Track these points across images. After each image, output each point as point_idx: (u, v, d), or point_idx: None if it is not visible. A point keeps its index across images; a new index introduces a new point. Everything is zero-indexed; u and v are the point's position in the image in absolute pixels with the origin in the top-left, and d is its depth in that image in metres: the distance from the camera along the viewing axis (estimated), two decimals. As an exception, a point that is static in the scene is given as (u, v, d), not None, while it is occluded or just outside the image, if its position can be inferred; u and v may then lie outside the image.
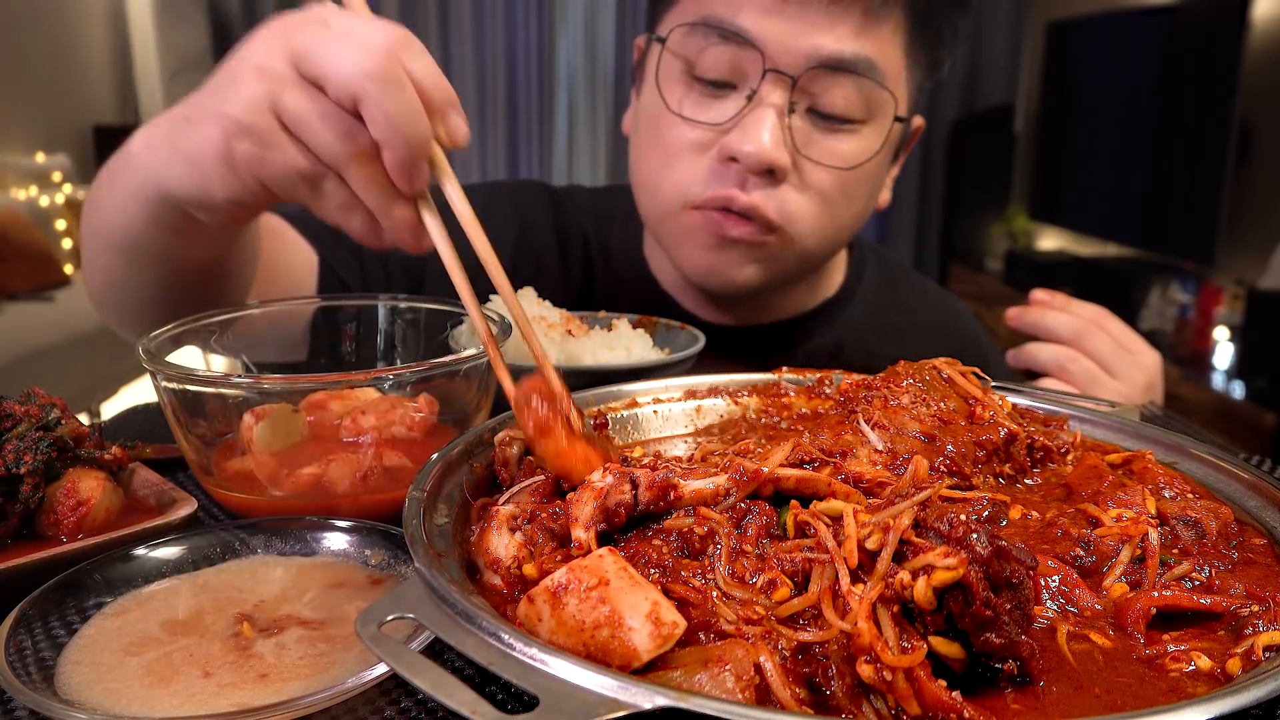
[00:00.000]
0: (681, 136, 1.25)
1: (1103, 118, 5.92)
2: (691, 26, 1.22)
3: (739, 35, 1.18)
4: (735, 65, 1.20)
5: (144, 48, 7.04)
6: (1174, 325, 5.31)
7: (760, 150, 1.18)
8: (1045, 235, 6.86)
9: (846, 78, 1.19)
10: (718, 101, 1.23)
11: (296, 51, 0.76)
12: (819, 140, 1.23)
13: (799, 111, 1.21)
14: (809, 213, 1.25)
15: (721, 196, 1.22)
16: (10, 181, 5.74)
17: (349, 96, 0.74)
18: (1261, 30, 4.68)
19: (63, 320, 4.90)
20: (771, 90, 1.19)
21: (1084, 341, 1.25)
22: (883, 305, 1.55)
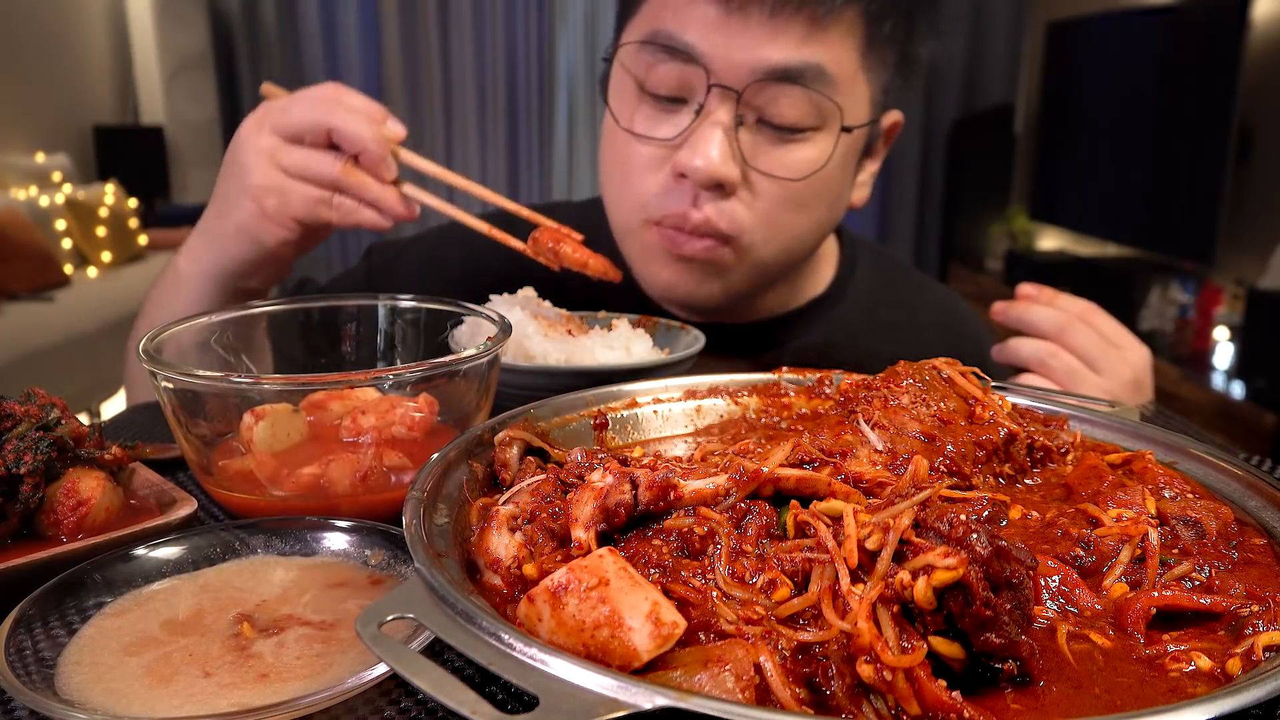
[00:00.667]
0: (636, 153, 1.26)
1: (1103, 118, 5.92)
2: (641, 44, 1.23)
3: (684, 51, 1.19)
4: (683, 81, 1.21)
5: (144, 48, 7.04)
6: (1174, 325, 5.31)
7: (708, 166, 1.18)
8: (1045, 235, 6.86)
9: (793, 87, 1.19)
10: (670, 117, 1.24)
11: (274, 126, 1.10)
12: (769, 151, 1.23)
13: (748, 123, 1.21)
14: (762, 224, 1.25)
15: (675, 214, 1.23)
16: (10, 181, 5.74)
17: (322, 134, 1.08)
18: (1261, 30, 4.68)
19: (63, 320, 4.91)
20: (718, 105, 1.19)
21: (1067, 336, 1.23)
22: (878, 303, 1.54)
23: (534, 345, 1.09)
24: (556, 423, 0.87)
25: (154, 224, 6.69)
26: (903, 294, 1.59)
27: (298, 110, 1.09)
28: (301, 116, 1.08)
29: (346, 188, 1.10)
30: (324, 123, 1.08)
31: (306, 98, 1.10)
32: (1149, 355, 1.27)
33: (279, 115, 1.10)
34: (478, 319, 1.03)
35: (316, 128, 1.08)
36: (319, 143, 1.10)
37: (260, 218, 1.11)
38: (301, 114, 1.08)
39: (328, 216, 1.11)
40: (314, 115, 1.08)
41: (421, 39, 7.08)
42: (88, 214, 5.98)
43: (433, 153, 7.25)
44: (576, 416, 0.89)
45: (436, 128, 7.24)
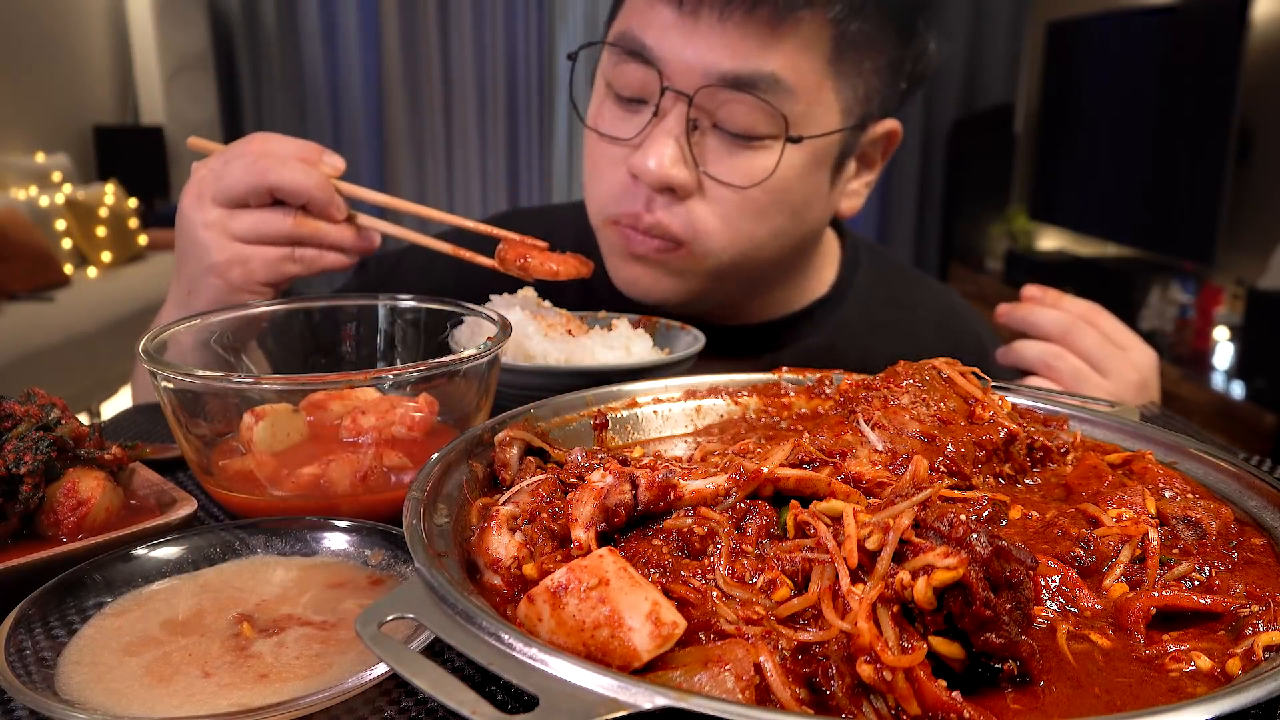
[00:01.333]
0: (603, 152, 1.28)
1: (1103, 118, 5.92)
2: (609, 44, 1.25)
3: (642, 52, 1.20)
4: (643, 82, 1.22)
5: (144, 48, 7.04)
6: (1174, 325, 5.31)
7: (660, 169, 1.18)
8: (1045, 235, 6.86)
9: (745, 95, 1.17)
10: (631, 117, 1.25)
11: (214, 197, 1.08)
12: (722, 157, 1.21)
13: (703, 128, 1.21)
14: (717, 229, 1.24)
15: (629, 215, 1.24)
16: (10, 181, 5.74)
17: (265, 194, 1.08)
18: (1261, 30, 4.68)
19: (63, 320, 4.91)
20: (671, 108, 1.19)
21: (1072, 338, 1.22)
22: (877, 303, 1.53)
23: (534, 345, 1.09)
24: (556, 423, 0.87)
25: (154, 224, 6.69)
26: (902, 294, 1.58)
27: (233, 175, 1.07)
28: (239, 181, 1.06)
29: (304, 239, 1.10)
30: (263, 183, 1.06)
31: (239, 157, 1.07)
32: (1155, 357, 1.26)
33: (216, 184, 1.07)
34: (478, 319, 1.03)
35: (258, 189, 1.07)
36: (264, 202, 1.08)
37: (229, 291, 1.11)
38: (238, 178, 1.06)
39: (293, 271, 1.11)
40: (251, 177, 1.06)
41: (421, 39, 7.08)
42: (88, 214, 5.98)
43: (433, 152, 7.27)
44: (576, 416, 0.89)
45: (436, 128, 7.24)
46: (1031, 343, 1.25)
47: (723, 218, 1.23)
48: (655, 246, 1.25)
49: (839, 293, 1.51)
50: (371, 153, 7.47)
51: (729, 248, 1.26)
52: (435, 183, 7.40)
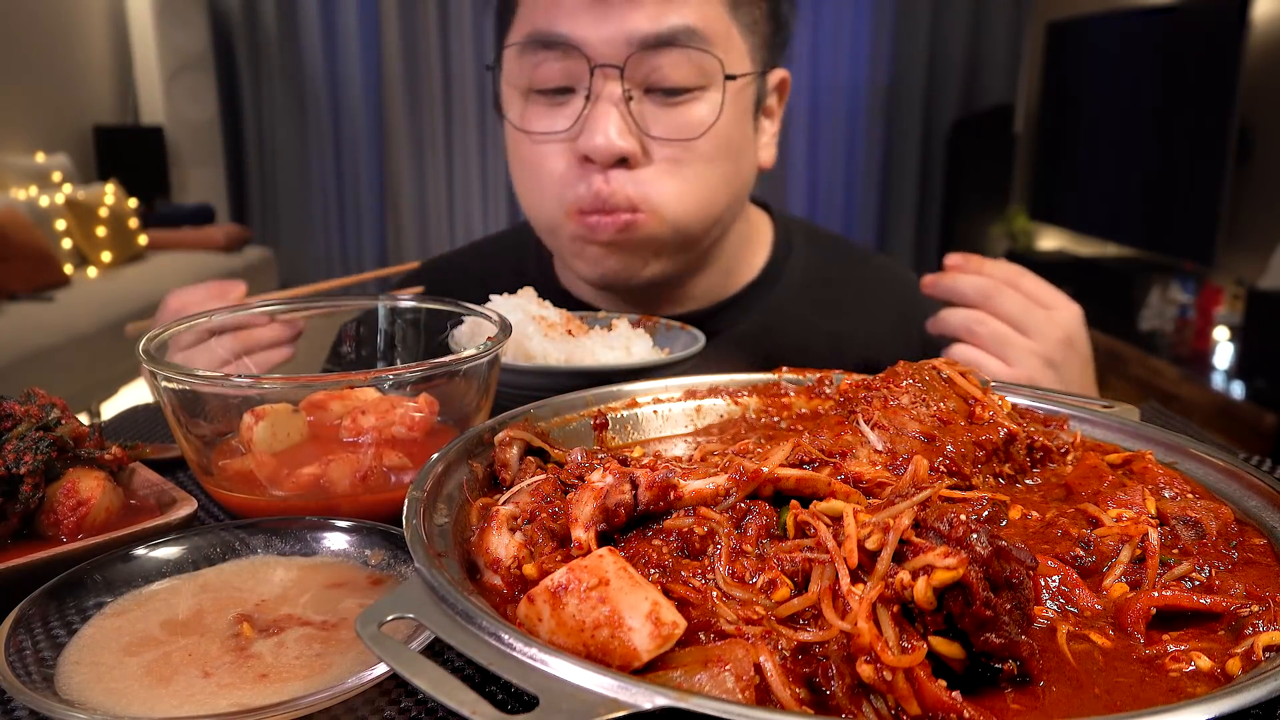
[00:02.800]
0: (539, 152, 1.30)
1: (1103, 117, 5.92)
2: (520, 46, 1.28)
3: (561, 41, 1.23)
4: (566, 71, 1.25)
5: (144, 48, 7.04)
6: (1174, 325, 5.31)
7: (608, 144, 1.22)
8: (1045, 235, 6.86)
9: (670, 50, 1.23)
10: (562, 109, 1.28)
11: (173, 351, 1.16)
12: (662, 117, 1.27)
13: (636, 96, 1.25)
14: (672, 187, 1.28)
15: (590, 194, 1.26)
16: (10, 181, 5.74)
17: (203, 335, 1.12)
18: (1261, 30, 4.68)
19: (63, 320, 4.91)
20: (604, 84, 1.23)
21: (993, 303, 1.22)
22: (814, 282, 1.54)
23: (534, 345, 1.09)
24: (556, 423, 0.87)
25: (154, 224, 6.70)
26: (843, 270, 1.59)
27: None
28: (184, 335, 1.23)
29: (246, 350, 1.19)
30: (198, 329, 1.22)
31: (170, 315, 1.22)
32: (1079, 313, 1.25)
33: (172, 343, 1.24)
34: (478, 319, 1.03)
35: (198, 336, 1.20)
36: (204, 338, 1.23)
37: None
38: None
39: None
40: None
41: (421, 39, 7.08)
42: (88, 214, 5.98)
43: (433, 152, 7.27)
44: (576, 416, 0.89)
45: (436, 128, 7.24)
46: (955, 310, 1.26)
47: (676, 176, 1.28)
48: (620, 224, 1.27)
49: (771, 275, 1.53)
50: (372, 153, 7.48)
51: (685, 200, 1.30)
52: (435, 182, 7.40)
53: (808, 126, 7.27)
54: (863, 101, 7.21)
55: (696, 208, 1.32)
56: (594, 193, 1.25)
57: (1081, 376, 1.23)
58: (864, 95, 7.19)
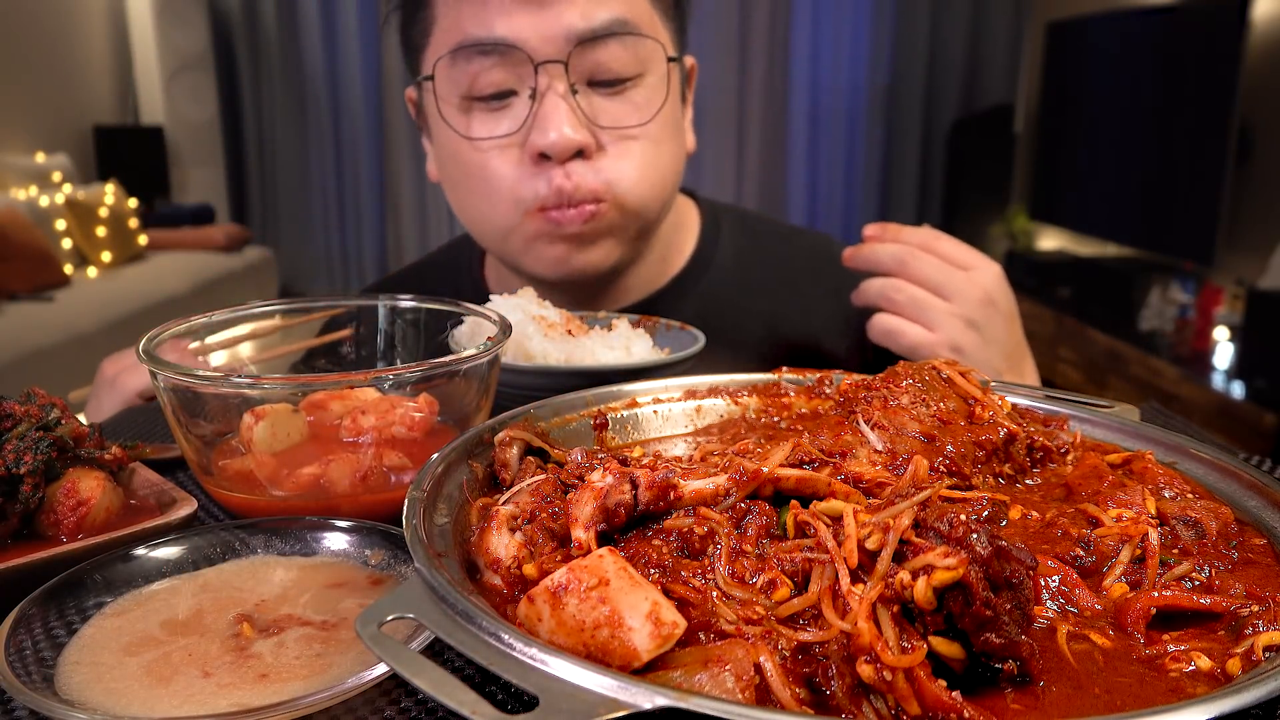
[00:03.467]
0: (485, 158, 1.29)
1: (1103, 117, 5.92)
2: (453, 54, 1.27)
3: (498, 44, 1.23)
4: (507, 72, 1.25)
5: (144, 48, 7.04)
6: (1174, 325, 5.31)
7: (562, 138, 1.22)
8: (1045, 235, 6.86)
9: (609, 42, 1.25)
10: (505, 112, 1.28)
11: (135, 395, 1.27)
12: (609, 107, 1.28)
13: (581, 89, 1.26)
14: (628, 171, 1.30)
15: (553, 191, 1.26)
16: (10, 181, 5.74)
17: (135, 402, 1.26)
18: (1261, 30, 4.68)
19: (63, 320, 4.90)
20: (549, 80, 1.24)
21: (909, 269, 1.22)
22: (746, 264, 1.55)
23: (534, 345, 1.09)
24: (556, 423, 0.87)
25: (154, 224, 6.69)
26: (774, 251, 1.60)
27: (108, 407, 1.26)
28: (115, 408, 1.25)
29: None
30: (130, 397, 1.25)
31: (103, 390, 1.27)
32: (999, 271, 1.25)
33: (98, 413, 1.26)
34: (478, 319, 1.03)
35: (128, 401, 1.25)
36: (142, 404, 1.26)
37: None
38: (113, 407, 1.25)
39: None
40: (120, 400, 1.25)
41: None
42: (88, 214, 5.98)
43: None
44: (576, 416, 0.89)
45: (436, 128, 7.24)
46: (874, 280, 1.26)
47: (631, 161, 1.30)
48: (585, 215, 1.28)
49: (702, 261, 1.53)
50: (372, 153, 7.48)
51: (641, 183, 1.31)
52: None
53: (808, 126, 7.27)
54: (863, 101, 7.21)
55: (654, 190, 1.34)
56: (555, 188, 1.25)
57: (1006, 334, 1.23)
58: (864, 95, 7.19)
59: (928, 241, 1.24)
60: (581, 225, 1.28)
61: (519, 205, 1.29)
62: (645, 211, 1.34)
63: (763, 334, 1.49)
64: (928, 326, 1.19)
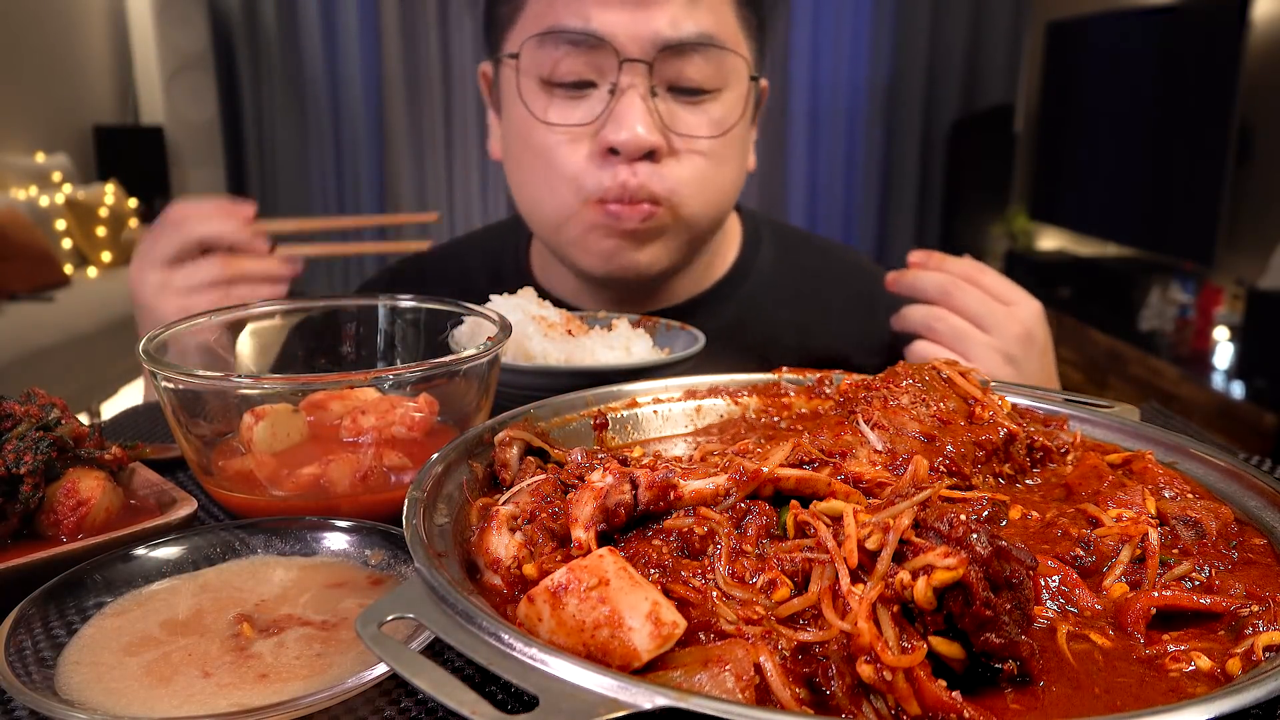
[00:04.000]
0: (558, 140, 1.30)
1: (1103, 118, 5.92)
2: (541, 37, 1.28)
3: (589, 36, 1.25)
4: (591, 64, 1.27)
5: (144, 48, 7.04)
6: (1174, 325, 5.31)
7: (635, 137, 1.24)
8: (1045, 235, 6.86)
9: (694, 53, 1.27)
10: (582, 102, 1.29)
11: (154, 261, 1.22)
12: (685, 114, 1.30)
13: (660, 92, 1.28)
14: (691, 182, 1.31)
15: (616, 185, 1.27)
16: (10, 181, 5.74)
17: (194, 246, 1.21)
18: (1261, 30, 4.68)
19: (63, 320, 4.90)
20: (631, 79, 1.25)
21: (953, 299, 1.24)
22: (782, 274, 1.57)
23: (534, 345, 1.09)
24: (556, 423, 0.87)
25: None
26: (809, 263, 1.62)
27: (164, 240, 1.21)
28: (169, 243, 1.21)
29: (235, 278, 1.21)
30: (189, 238, 1.20)
31: (166, 225, 1.23)
32: (1039, 309, 1.27)
33: (152, 250, 1.22)
34: (478, 319, 1.03)
35: (186, 245, 1.20)
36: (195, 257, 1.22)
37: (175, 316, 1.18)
38: (169, 241, 1.20)
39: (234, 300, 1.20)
40: (178, 237, 1.20)
41: (421, 39, 7.08)
42: (88, 214, 5.98)
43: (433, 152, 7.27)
44: (576, 416, 0.89)
45: (436, 128, 7.24)
46: (916, 306, 1.27)
47: (694, 172, 1.31)
48: (642, 214, 1.29)
49: (742, 269, 1.55)
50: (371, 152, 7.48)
51: (700, 196, 1.33)
52: (435, 182, 7.40)
53: (808, 126, 7.27)
54: (863, 101, 7.20)
55: (712, 205, 1.36)
56: (620, 183, 1.27)
57: (1041, 370, 1.25)
58: (864, 95, 7.19)
59: (971, 274, 1.26)
60: (638, 223, 1.29)
61: (579, 193, 1.30)
62: (699, 224, 1.36)
63: (796, 344, 1.51)
64: (966, 357, 1.20)
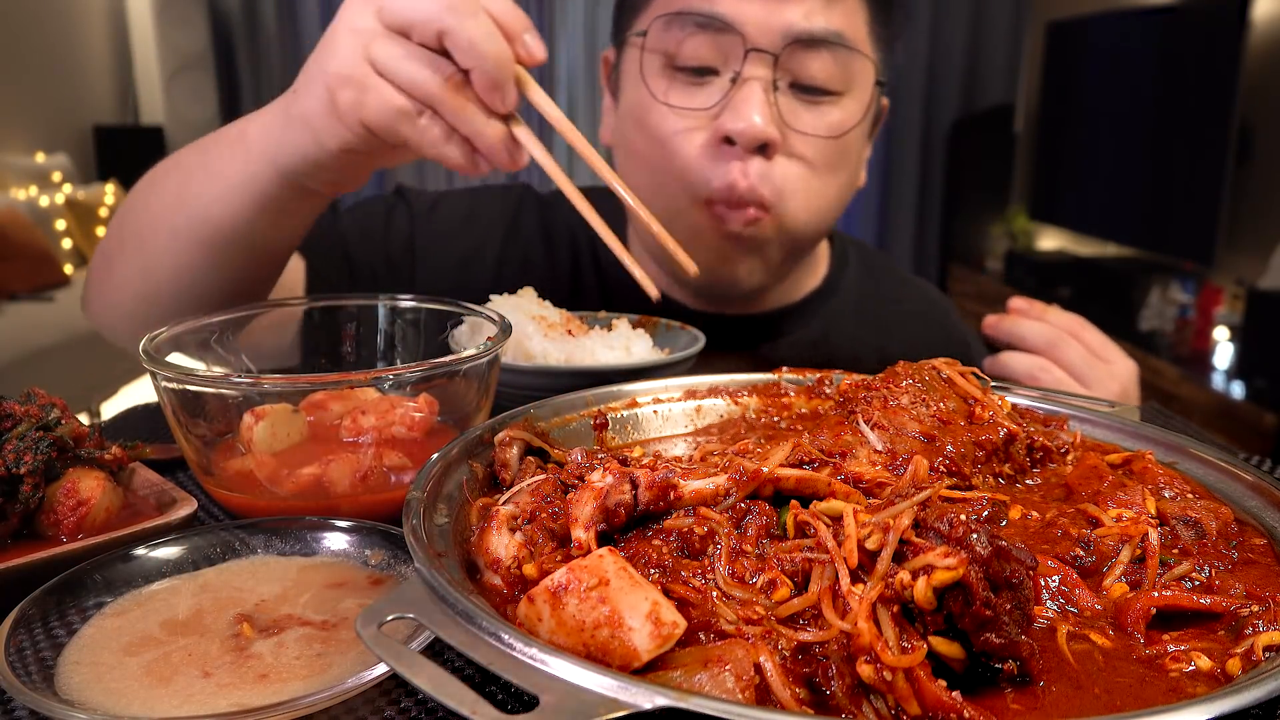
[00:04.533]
0: (674, 126, 1.28)
1: (1103, 118, 5.92)
2: (670, 18, 1.26)
3: (718, 20, 1.23)
4: (716, 50, 1.25)
5: (144, 48, 7.04)
6: (1174, 325, 5.31)
7: (752, 127, 1.22)
8: (1045, 235, 6.86)
9: (822, 50, 1.25)
10: (702, 88, 1.27)
11: (381, 6, 0.88)
12: (803, 113, 1.28)
13: (782, 87, 1.26)
14: (800, 185, 1.29)
15: (724, 186, 1.25)
16: (10, 181, 5.74)
17: (433, 34, 0.86)
18: (1261, 30, 4.68)
19: (63, 320, 4.90)
20: (755, 69, 1.24)
21: (1057, 351, 1.25)
22: (866, 297, 1.58)
23: (534, 345, 1.09)
24: (556, 423, 0.87)
25: (154, 224, 6.69)
26: (889, 289, 1.63)
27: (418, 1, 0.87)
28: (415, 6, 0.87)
29: (441, 108, 0.88)
30: (438, 21, 0.86)
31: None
32: (1136, 369, 1.29)
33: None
34: (478, 319, 1.03)
35: (428, 23, 0.86)
36: (428, 43, 0.88)
37: (328, 113, 0.91)
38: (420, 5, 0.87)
39: (407, 135, 0.90)
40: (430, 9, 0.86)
41: (421, 39, 7.07)
42: (88, 214, 5.98)
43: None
44: (576, 416, 0.89)
45: (436, 128, 7.24)
46: (1019, 355, 1.28)
47: (803, 176, 1.29)
48: (747, 218, 1.27)
49: (830, 286, 1.56)
50: (371, 153, 7.46)
51: (806, 206, 1.31)
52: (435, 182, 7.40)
53: (808, 126, 7.26)
54: (863, 101, 7.19)
55: (816, 214, 1.34)
56: (729, 183, 1.25)
57: None
58: (864, 95, 7.18)
59: (1074, 328, 1.27)
60: (742, 226, 1.28)
61: (689, 191, 1.29)
62: (801, 236, 1.35)
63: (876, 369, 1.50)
64: None
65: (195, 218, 1.06)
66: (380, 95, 0.88)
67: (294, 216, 1.08)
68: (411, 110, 0.88)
